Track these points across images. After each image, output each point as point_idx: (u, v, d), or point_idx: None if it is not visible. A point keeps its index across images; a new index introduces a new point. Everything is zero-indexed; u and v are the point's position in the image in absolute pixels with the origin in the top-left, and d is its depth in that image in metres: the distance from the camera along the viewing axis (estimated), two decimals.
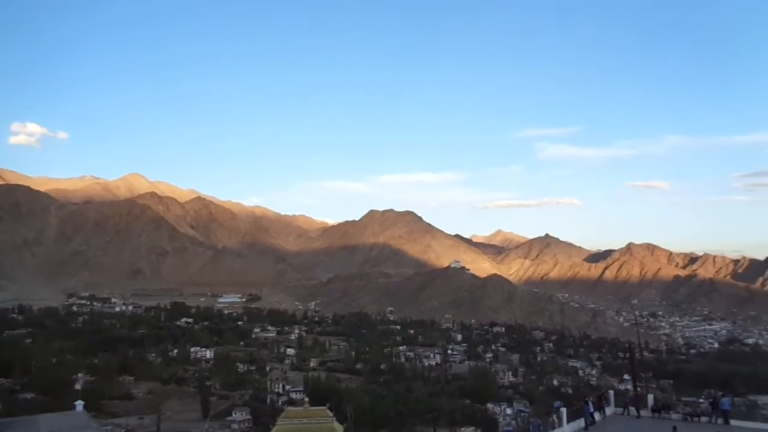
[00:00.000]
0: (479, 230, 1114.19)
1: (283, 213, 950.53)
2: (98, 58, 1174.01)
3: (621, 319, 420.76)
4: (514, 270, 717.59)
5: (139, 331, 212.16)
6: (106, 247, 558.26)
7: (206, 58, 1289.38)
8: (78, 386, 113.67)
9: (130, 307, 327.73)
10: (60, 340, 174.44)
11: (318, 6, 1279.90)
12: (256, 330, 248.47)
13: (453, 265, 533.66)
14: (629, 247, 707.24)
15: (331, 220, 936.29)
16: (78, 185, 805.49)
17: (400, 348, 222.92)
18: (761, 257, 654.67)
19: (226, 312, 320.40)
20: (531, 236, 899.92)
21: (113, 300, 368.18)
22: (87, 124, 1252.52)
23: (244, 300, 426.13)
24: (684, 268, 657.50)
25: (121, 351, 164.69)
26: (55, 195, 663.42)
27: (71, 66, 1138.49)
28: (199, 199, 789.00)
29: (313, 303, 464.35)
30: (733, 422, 32.01)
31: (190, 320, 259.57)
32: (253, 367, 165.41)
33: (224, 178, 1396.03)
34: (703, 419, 33.35)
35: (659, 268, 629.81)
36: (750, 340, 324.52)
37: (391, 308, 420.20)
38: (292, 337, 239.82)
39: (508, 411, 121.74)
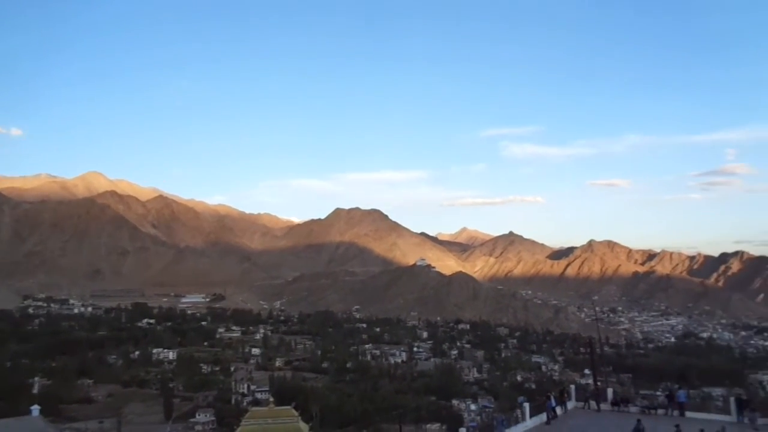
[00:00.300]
0: (445, 228, 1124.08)
1: (247, 212, 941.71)
2: (55, 55, 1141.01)
3: (582, 315, 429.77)
4: (478, 267, 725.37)
5: (99, 332, 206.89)
6: (63, 247, 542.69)
7: (169, 57, 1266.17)
8: (34, 390, 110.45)
9: (90, 309, 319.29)
10: (15, 343, 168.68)
11: (283, 9, 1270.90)
12: (220, 330, 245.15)
13: (419, 263, 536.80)
14: (590, 244, 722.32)
15: (297, 219, 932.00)
16: (33, 184, 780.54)
17: (366, 346, 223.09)
18: (715, 254, 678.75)
19: (189, 312, 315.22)
20: (495, 234, 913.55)
21: (71, 301, 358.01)
22: (43, 120, 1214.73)
23: (208, 300, 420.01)
24: (642, 264, 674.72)
25: (79, 353, 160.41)
26: (9, 194, 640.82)
27: (26, 62, 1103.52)
28: (161, 198, 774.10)
29: (279, 302, 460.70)
30: (688, 414, 32.99)
31: (152, 321, 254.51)
32: (217, 368, 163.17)
33: (187, 177, 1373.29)
34: (660, 411, 34.30)
35: (619, 265, 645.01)
36: (705, 334, 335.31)
37: (357, 306, 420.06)
38: (258, 336, 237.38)
39: (473, 407, 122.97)
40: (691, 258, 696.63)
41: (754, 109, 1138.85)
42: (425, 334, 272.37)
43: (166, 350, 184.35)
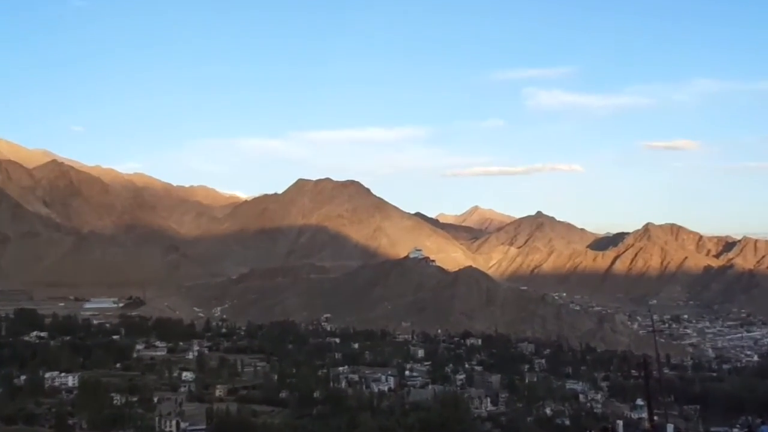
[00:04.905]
0: (448, 207, 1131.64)
1: (174, 183, 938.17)
2: None
3: (635, 326, 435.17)
4: (495, 261, 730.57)
5: None
6: None
7: None
8: None
9: None
10: None
11: None
12: (138, 347, 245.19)
13: (412, 255, 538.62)
14: (647, 230, 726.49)
15: (244, 194, 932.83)
16: None
17: (341, 369, 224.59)
18: None
19: (95, 322, 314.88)
20: (518, 215, 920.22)
21: None
22: None
23: (121, 306, 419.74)
24: (717, 256, 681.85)
25: None
26: None
27: None
28: (55, 164, 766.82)
29: (220, 308, 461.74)
30: None
31: (43, 334, 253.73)
32: (134, 399, 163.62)
33: (90, 136, 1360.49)
34: None
35: (685, 257, 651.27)
36: None
37: (328, 315, 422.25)
38: (190, 356, 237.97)
39: None
40: None
41: None
42: (421, 353, 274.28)
43: (63, 374, 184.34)
